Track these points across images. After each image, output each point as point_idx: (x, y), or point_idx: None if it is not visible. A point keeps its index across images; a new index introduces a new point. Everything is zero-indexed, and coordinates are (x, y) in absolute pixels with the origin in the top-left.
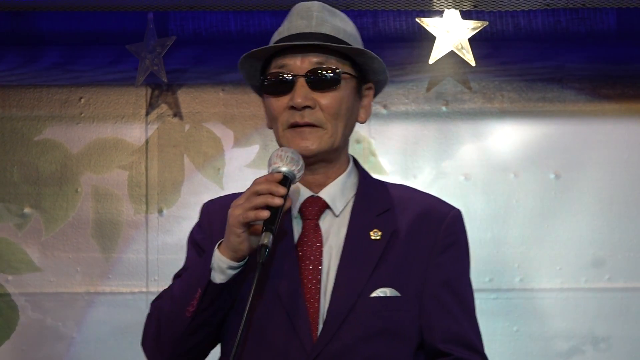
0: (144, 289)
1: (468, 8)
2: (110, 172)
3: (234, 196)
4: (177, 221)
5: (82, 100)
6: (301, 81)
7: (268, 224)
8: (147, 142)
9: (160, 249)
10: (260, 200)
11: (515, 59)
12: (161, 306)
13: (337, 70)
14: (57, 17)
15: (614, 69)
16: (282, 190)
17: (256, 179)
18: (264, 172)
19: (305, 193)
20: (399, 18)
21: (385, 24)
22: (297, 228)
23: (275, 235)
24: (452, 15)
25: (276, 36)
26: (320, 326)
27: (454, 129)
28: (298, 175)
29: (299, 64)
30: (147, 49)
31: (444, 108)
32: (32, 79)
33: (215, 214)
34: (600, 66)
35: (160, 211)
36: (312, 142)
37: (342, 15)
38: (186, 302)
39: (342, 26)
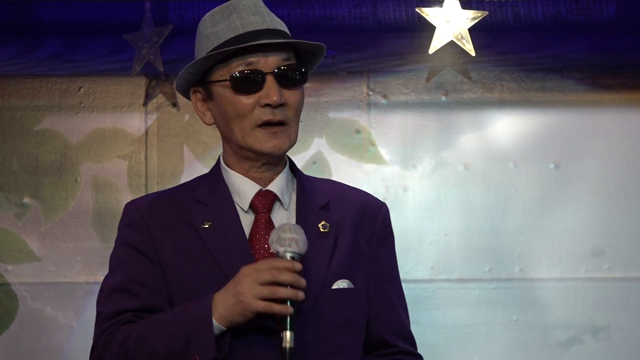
0: None
1: None
2: (110, 162)
3: (159, 194)
4: None
5: (82, 90)
6: (272, 79)
7: (292, 323)
8: (146, 131)
9: None
10: (287, 294)
11: (515, 49)
12: (131, 352)
13: (303, 69)
14: (57, 7)
15: (614, 58)
16: (303, 283)
17: (274, 263)
18: None
19: (254, 187)
20: (398, 8)
21: (385, 13)
22: (247, 222)
23: (296, 334)
24: (451, 5)
25: (228, 32)
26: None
27: (454, 118)
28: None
29: (266, 61)
30: (144, 38)
31: (443, 98)
32: (31, 68)
33: (150, 215)
34: (600, 56)
35: None
36: (284, 141)
37: None
38: None
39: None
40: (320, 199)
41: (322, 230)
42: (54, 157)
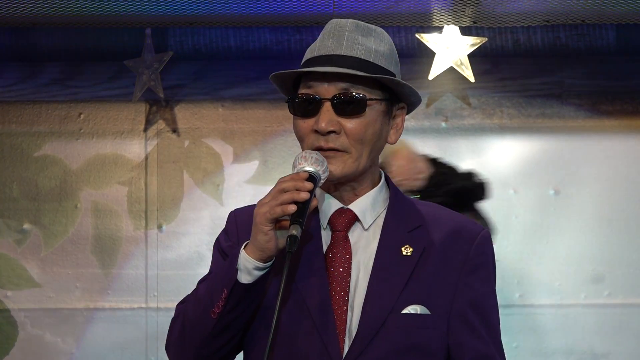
0: (143, 305)
1: (467, 24)
2: (110, 188)
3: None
4: (177, 237)
5: (82, 116)
6: (327, 105)
7: (295, 217)
8: (146, 158)
9: (159, 265)
10: (287, 196)
11: (514, 75)
12: (186, 309)
13: (363, 97)
14: (57, 33)
15: (613, 84)
16: (308, 185)
17: (281, 178)
18: (263, 187)
19: (335, 205)
20: (398, 34)
21: None
22: (325, 239)
23: (303, 228)
24: (451, 31)
25: (310, 52)
26: (347, 340)
27: (454, 144)
28: (323, 176)
29: (326, 88)
30: (145, 64)
31: (443, 124)
32: (31, 94)
33: (242, 223)
34: (600, 82)
35: (159, 227)
36: (336, 166)
37: (379, 31)
38: (211, 304)
39: (375, 47)
40: (412, 222)
41: (404, 253)
42: (54, 183)
